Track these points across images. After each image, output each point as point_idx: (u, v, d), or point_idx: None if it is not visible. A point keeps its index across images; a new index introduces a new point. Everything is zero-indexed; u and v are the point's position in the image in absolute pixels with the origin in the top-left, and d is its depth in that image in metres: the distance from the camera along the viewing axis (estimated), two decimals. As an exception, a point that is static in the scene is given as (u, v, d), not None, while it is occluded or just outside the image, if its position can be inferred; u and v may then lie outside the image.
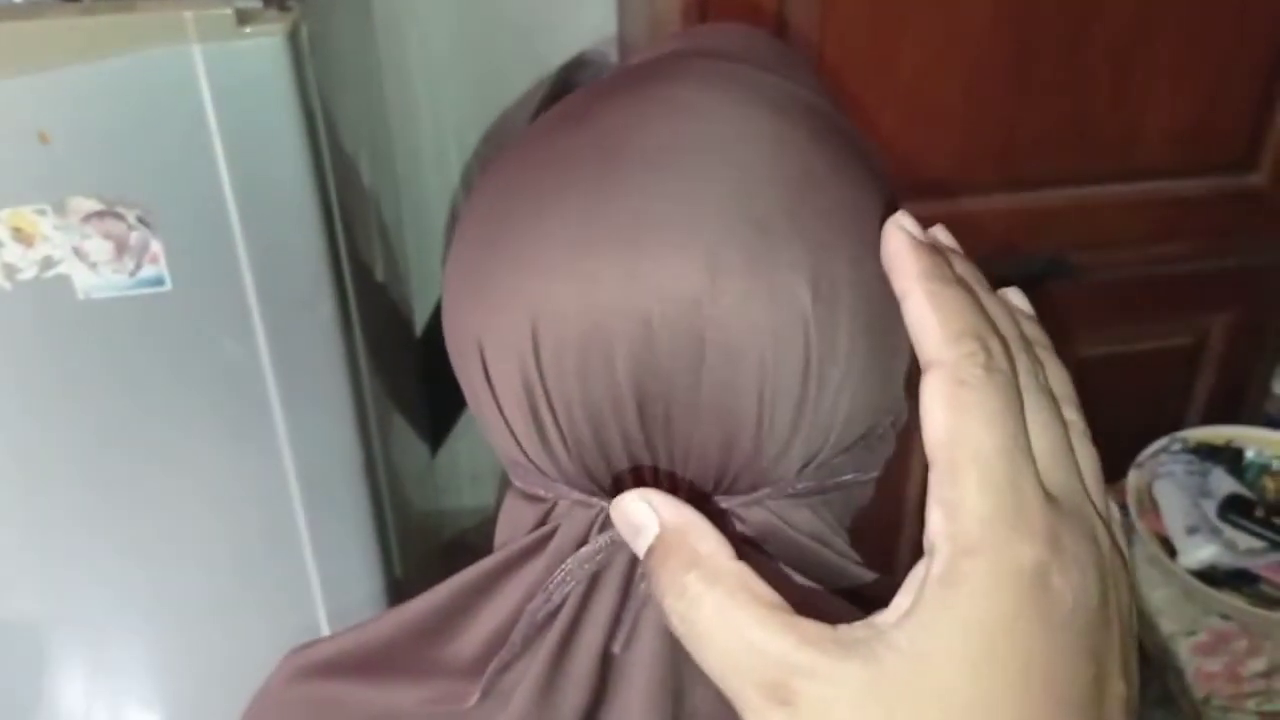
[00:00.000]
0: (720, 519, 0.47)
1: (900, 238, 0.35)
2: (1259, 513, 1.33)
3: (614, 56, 1.56)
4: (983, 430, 0.30)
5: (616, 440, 0.45)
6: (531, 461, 0.49)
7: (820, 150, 0.46)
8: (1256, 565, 1.31)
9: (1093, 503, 0.33)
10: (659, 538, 0.34)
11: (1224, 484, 1.37)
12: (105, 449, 1.16)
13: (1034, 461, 0.31)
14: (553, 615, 0.49)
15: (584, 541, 0.49)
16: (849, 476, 0.50)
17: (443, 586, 0.54)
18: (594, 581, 0.49)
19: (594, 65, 1.56)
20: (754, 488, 0.47)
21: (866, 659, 0.29)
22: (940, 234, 0.39)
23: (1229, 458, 1.43)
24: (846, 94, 1.28)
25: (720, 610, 0.31)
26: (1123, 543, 0.33)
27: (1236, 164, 1.44)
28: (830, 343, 0.44)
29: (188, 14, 0.96)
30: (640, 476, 0.47)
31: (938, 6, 1.25)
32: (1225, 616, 1.29)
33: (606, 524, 0.49)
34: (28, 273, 1.04)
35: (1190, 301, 1.56)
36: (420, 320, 1.72)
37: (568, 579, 0.49)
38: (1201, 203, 1.45)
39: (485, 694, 0.51)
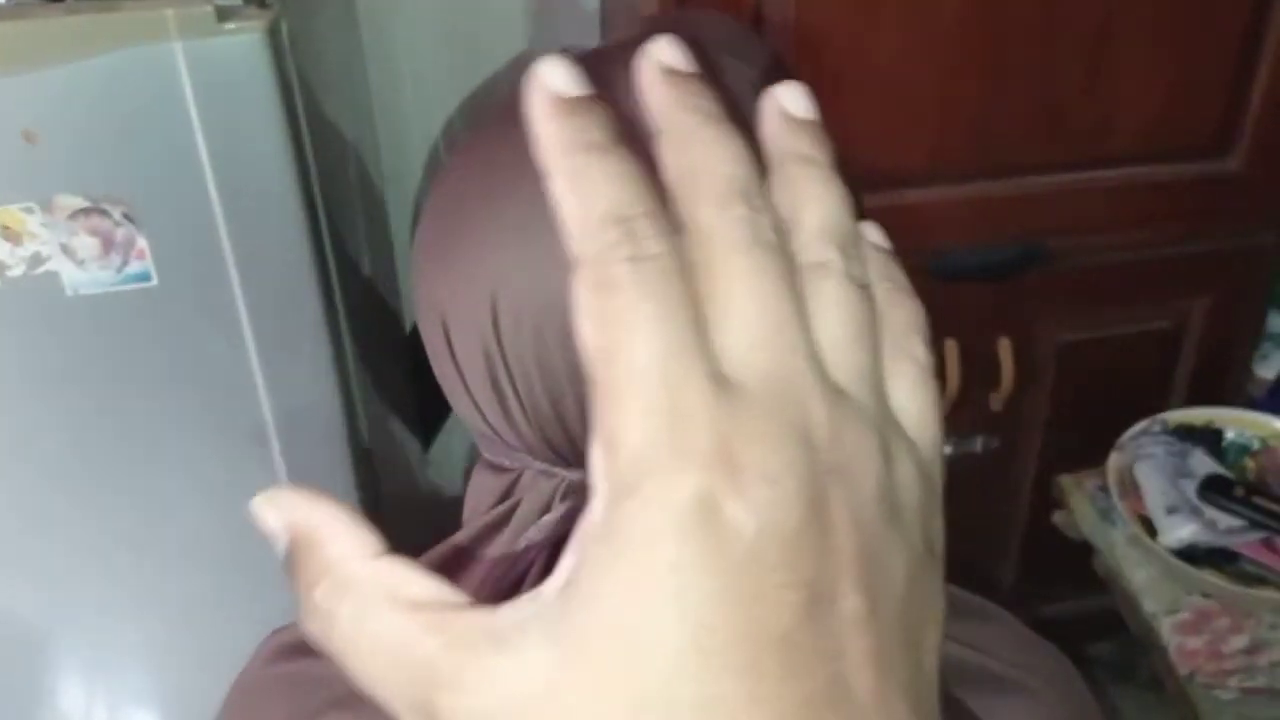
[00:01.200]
0: None
1: (539, 101, 0.26)
2: (1238, 492, 1.35)
3: (595, 39, 1.57)
4: (635, 341, 0.24)
5: (574, 410, 0.47)
6: (495, 432, 0.50)
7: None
8: (1236, 543, 1.32)
9: (894, 421, 0.27)
10: (289, 546, 0.27)
11: (1204, 464, 1.39)
12: (95, 444, 1.18)
13: (710, 355, 0.24)
14: (517, 584, 0.51)
15: (547, 510, 0.50)
16: None
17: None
18: (557, 549, 0.51)
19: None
20: None
21: (520, 652, 0.24)
22: (664, 53, 0.28)
23: (1209, 439, 1.45)
24: (822, 84, 1.29)
25: (355, 624, 0.26)
26: (924, 456, 0.28)
27: (1210, 149, 1.46)
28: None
29: (169, 11, 0.97)
30: (578, 451, 0.49)
31: (912, -3, 1.27)
32: (1206, 595, 1.31)
33: (569, 493, 0.50)
34: (16, 270, 1.05)
35: (1169, 286, 1.58)
36: (409, 314, 1.74)
37: (531, 547, 0.50)
38: (1177, 187, 1.47)
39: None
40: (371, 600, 0.25)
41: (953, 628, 0.57)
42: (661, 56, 0.27)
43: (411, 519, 1.66)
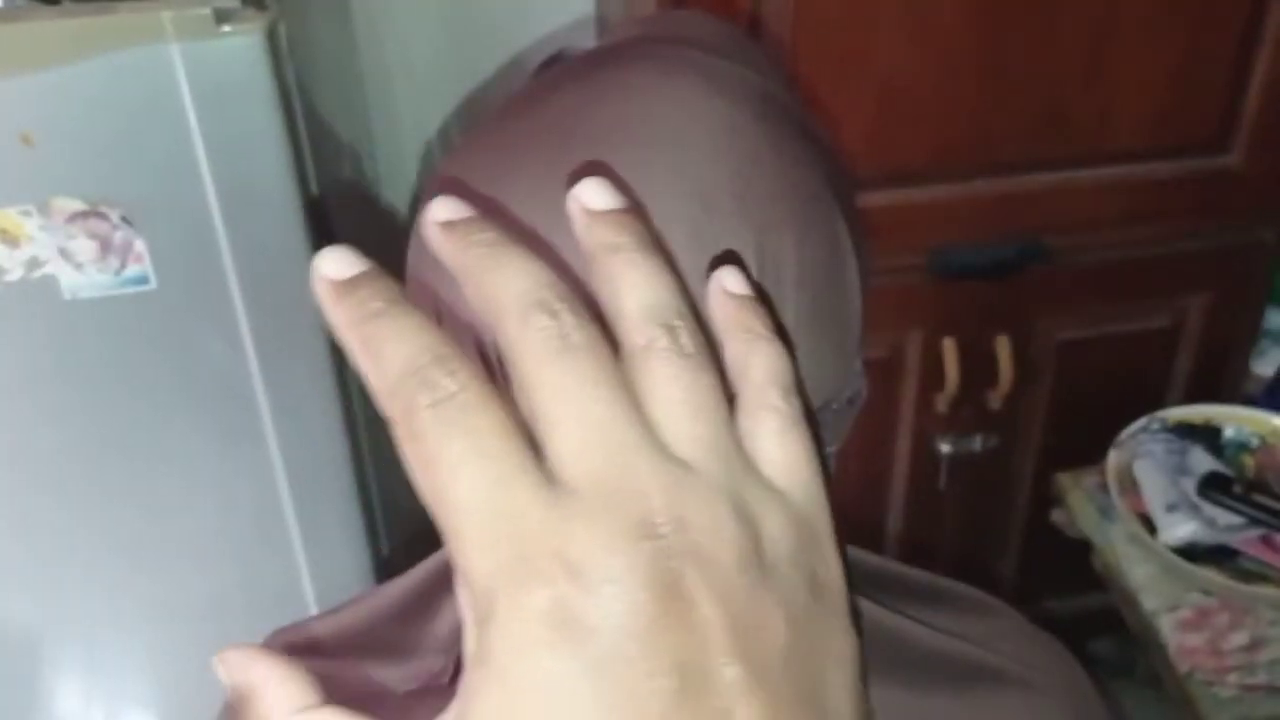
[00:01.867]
0: None
1: (321, 292, 0.27)
2: (1237, 489, 1.35)
3: (592, 41, 1.58)
4: (450, 481, 0.25)
5: None
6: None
7: (769, 134, 0.48)
8: (1235, 541, 1.32)
9: (739, 482, 0.27)
10: (228, 703, 0.30)
11: (1203, 462, 1.39)
12: (93, 448, 1.18)
13: (535, 466, 0.25)
14: None
15: None
16: None
17: (416, 570, 0.56)
18: None
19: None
20: None
21: None
22: (438, 212, 0.30)
23: (1207, 436, 1.45)
24: (822, 86, 1.29)
25: None
26: (797, 502, 0.28)
27: (1209, 145, 1.46)
28: (775, 319, 0.45)
29: (166, 14, 0.97)
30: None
31: (911, -4, 1.27)
32: (1206, 592, 1.31)
33: None
34: (14, 274, 1.05)
35: (1167, 283, 1.58)
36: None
37: None
38: (1176, 185, 1.47)
39: (459, 670, 0.53)
40: None
41: (951, 621, 0.57)
42: (436, 215, 0.29)
43: (409, 521, 1.66)
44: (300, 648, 0.60)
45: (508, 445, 0.25)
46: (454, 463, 0.25)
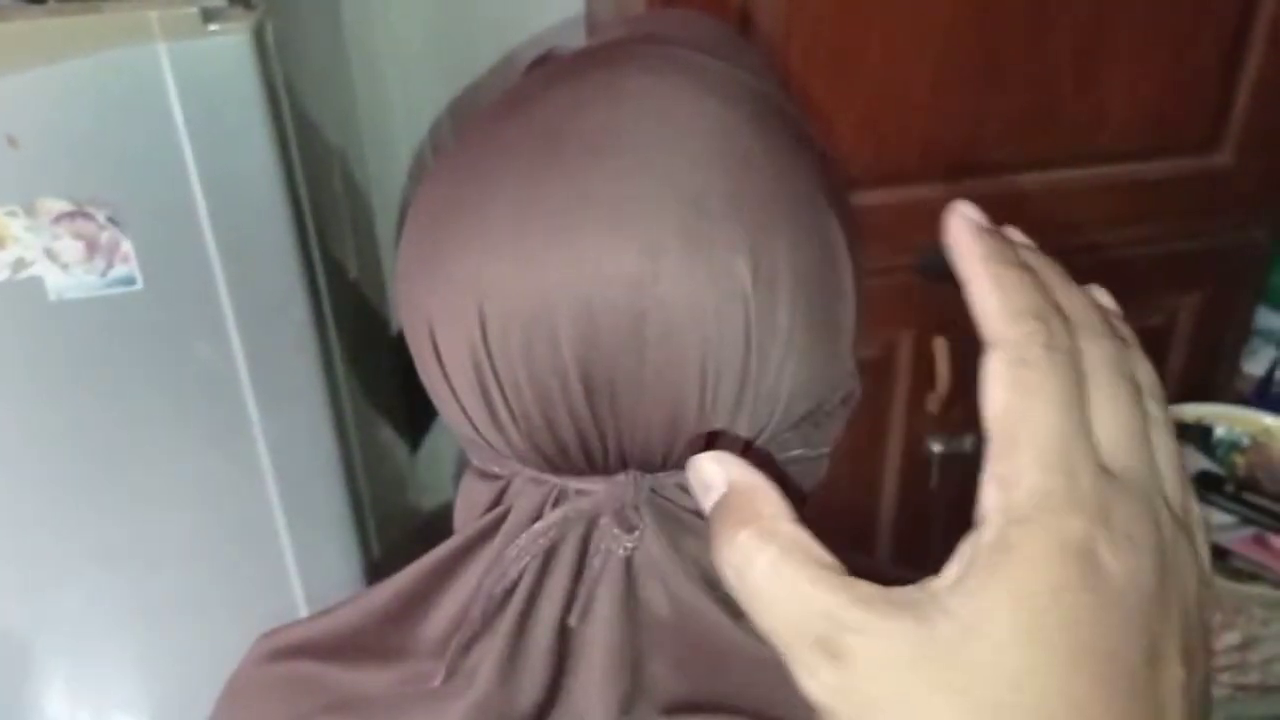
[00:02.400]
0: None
1: (961, 223, 0.34)
2: (1229, 488, 1.35)
3: (582, 39, 1.57)
4: (1040, 408, 0.30)
5: (564, 418, 0.47)
6: (484, 439, 0.50)
7: (761, 135, 0.47)
8: (1227, 540, 1.33)
9: (1166, 492, 0.32)
10: (725, 495, 0.34)
11: (1194, 461, 1.39)
12: (81, 448, 1.17)
13: (1091, 440, 0.30)
14: (510, 592, 0.50)
15: (538, 518, 0.50)
16: (797, 452, 0.51)
17: (406, 572, 0.55)
18: (549, 557, 0.50)
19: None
20: None
21: (919, 619, 0.29)
22: (1013, 232, 0.38)
23: (1198, 435, 1.45)
24: (814, 85, 1.29)
25: (774, 566, 0.31)
26: (1200, 538, 0.33)
27: (1200, 145, 1.45)
28: (770, 320, 0.45)
29: (152, 13, 0.97)
30: (589, 453, 0.48)
31: (902, -5, 1.27)
32: (1197, 592, 1.31)
33: (559, 500, 0.50)
34: (0, 275, 1.04)
35: (1158, 283, 1.58)
36: (396, 317, 1.73)
37: (522, 555, 0.50)
38: (1167, 185, 1.47)
39: (450, 673, 0.53)
40: (790, 551, 0.32)
41: None
42: (975, 216, 0.35)
43: (400, 523, 1.65)
44: (291, 649, 0.60)
45: (1082, 405, 0.31)
46: (1051, 392, 0.30)
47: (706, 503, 0.36)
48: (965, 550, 0.31)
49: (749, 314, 0.44)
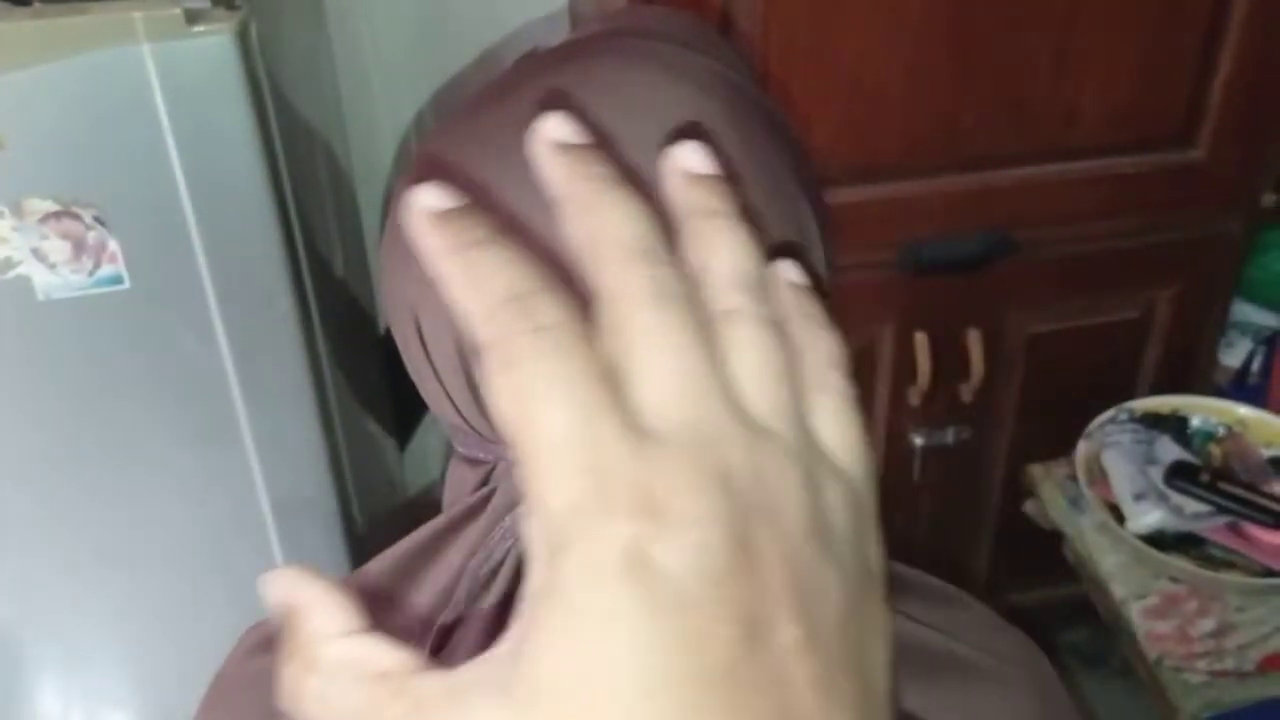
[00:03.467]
0: None
1: (417, 220, 0.28)
2: (1204, 478, 1.37)
3: (564, 36, 1.59)
4: (542, 411, 0.25)
5: None
6: (470, 425, 0.51)
7: (736, 123, 0.49)
8: (1203, 528, 1.34)
9: (812, 448, 0.28)
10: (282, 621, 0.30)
11: (1170, 451, 1.41)
12: (70, 447, 1.18)
13: (623, 413, 0.25)
14: (494, 572, 0.52)
15: (524, 499, 0.51)
16: None
17: (390, 552, 0.56)
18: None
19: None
20: None
21: (475, 711, 0.25)
22: (555, 129, 0.30)
23: (1174, 426, 1.47)
24: (792, 83, 1.30)
25: (320, 699, 0.27)
26: (853, 482, 0.29)
27: (1175, 139, 1.47)
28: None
29: (137, 14, 0.97)
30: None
31: (878, -7, 1.28)
32: (1174, 580, 1.33)
33: None
34: (-14, 274, 1.05)
35: (1136, 276, 1.60)
36: (383, 314, 1.74)
37: (507, 536, 0.51)
38: (1142, 178, 1.49)
39: (434, 653, 0.54)
40: (336, 676, 0.27)
41: (920, 611, 0.58)
42: (553, 133, 0.29)
43: (389, 519, 1.66)
44: (267, 643, 0.61)
45: (599, 381, 0.25)
46: (546, 390, 0.25)
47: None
48: (523, 602, 0.26)
49: None
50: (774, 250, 0.45)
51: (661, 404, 0.26)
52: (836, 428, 0.29)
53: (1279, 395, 1.63)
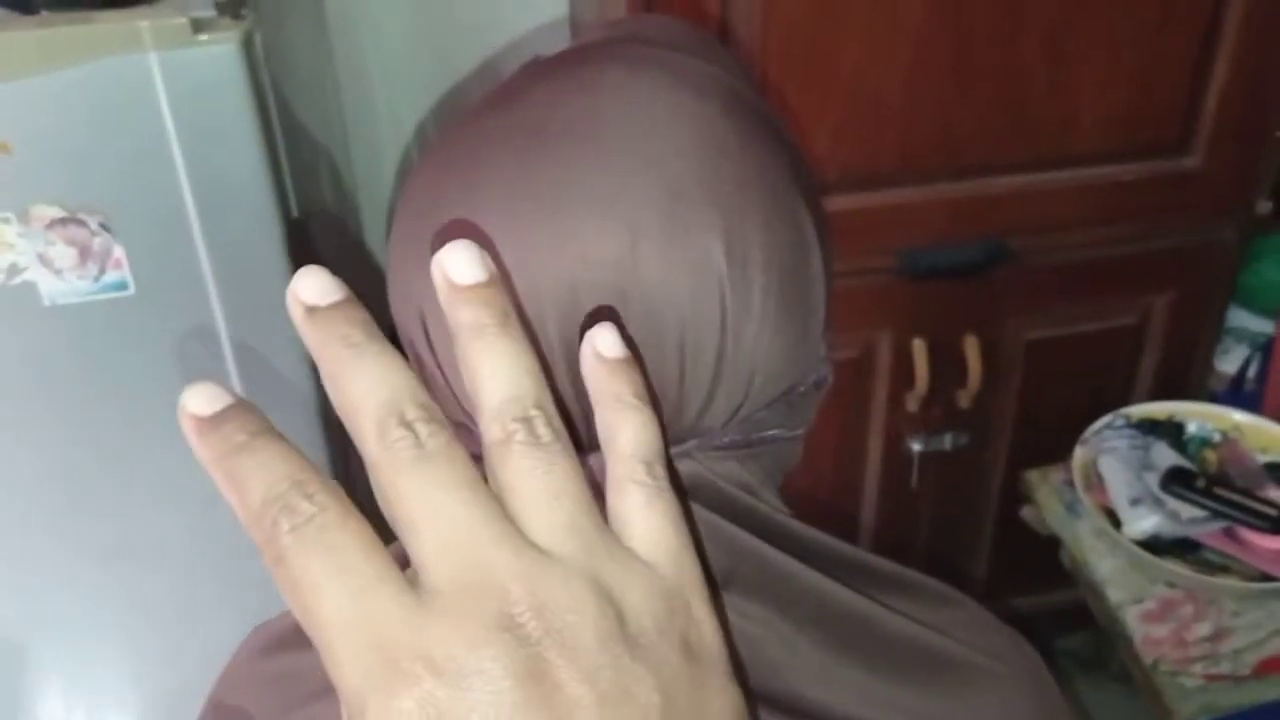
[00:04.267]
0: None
1: (188, 431, 0.29)
2: (1200, 483, 1.38)
3: (565, 44, 1.60)
4: (314, 601, 0.26)
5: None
6: (473, 421, 0.52)
7: (733, 126, 0.50)
8: (1198, 533, 1.35)
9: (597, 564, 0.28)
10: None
11: (1166, 457, 1.42)
12: (75, 451, 1.19)
13: (393, 586, 0.26)
14: None
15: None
16: (773, 432, 0.53)
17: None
18: None
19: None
20: (681, 440, 0.50)
21: None
22: (304, 291, 0.30)
23: (1170, 432, 1.48)
24: (790, 90, 1.32)
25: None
26: (662, 573, 0.29)
27: (1170, 147, 1.49)
28: (744, 299, 0.47)
29: (144, 23, 0.99)
30: (573, 430, 0.50)
31: (875, 3, 1.29)
32: (1171, 584, 1.34)
33: None
34: (-7, 280, 1.06)
35: (1132, 282, 1.61)
36: (385, 320, 1.75)
37: None
38: (1138, 186, 1.50)
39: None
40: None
41: (918, 611, 0.59)
42: (302, 295, 0.29)
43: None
44: (278, 641, 0.61)
45: (367, 558, 0.27)
46: (316, 580, 0.26)
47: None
48: None
49: (724, 294, 0.47)
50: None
51: (435, 559, 0.27)
52: (643, 522, 0.30)
53: (1274, 401, 1.64)
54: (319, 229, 1.28)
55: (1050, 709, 0.62)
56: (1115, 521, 1.37)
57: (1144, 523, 1.35)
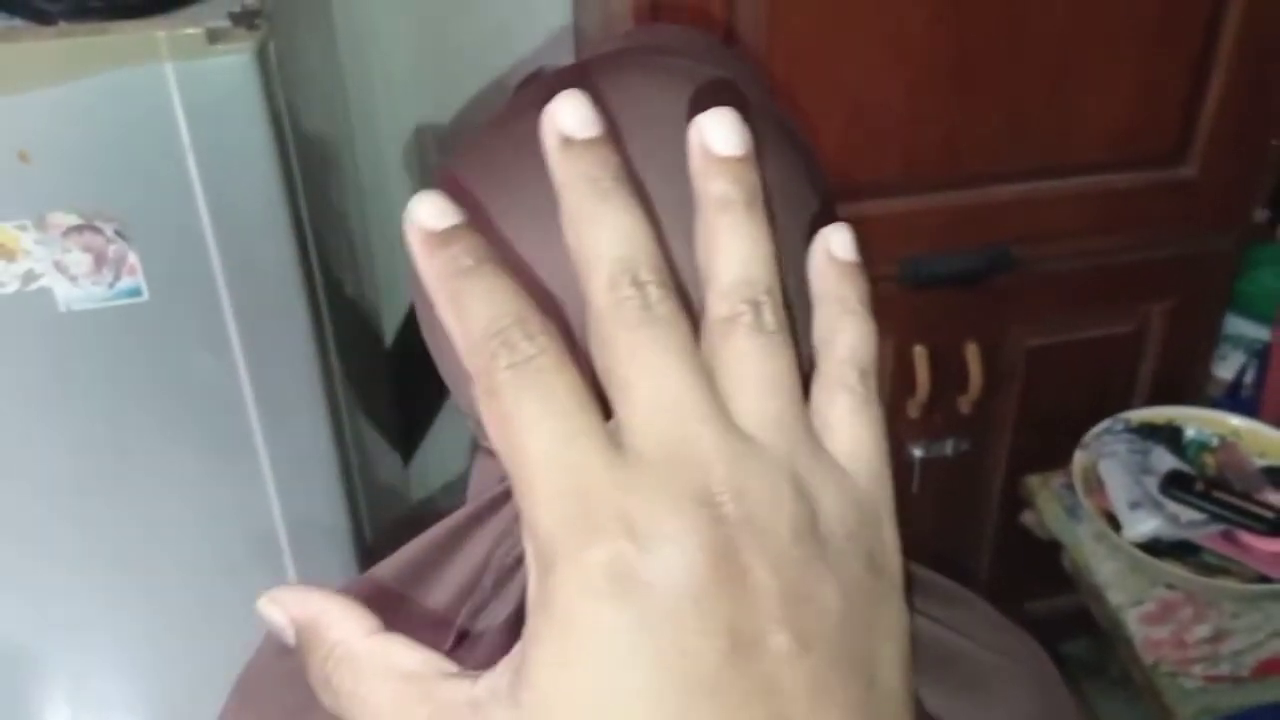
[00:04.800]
0: None
1: (414, 240, 0.29)
2: (1198, 487, 1.39)
3: (570, 55, 1.62)
4: (523, 438, 0.26)
5: None
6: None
7: (756, 130, 0.52)
8: (1197, 536, 1.37)
9: (804, 459, 0.28)
10: (297, 634, 0.31)
11: (1165, 461, 1.44)
12: (87, 456, 1.20)
13: (599, 436, 0.27)
14: (519, 560, 0.54)
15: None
16: None
17: (414, 543, 0.58)
18: None
19: (552, 78, 1.62)
20: None
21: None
22: (564, 119, 0.31)
23: (1169, 436, 1.50)
24: (795, 100, 1.33)
25: (354, 695, 0.29)
26: (859, 482, 0.29)
27: (1168, 158, 1.51)
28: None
29: (160, 34, 1.00)
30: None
31: (879, 14, 1.31)
32: (1170, 586, 1.35)
33: None
34: (10, 286, 1.07)
35: (1130, 290, 1.63)
36: (389, 332, 1.77)
37: None
38: (1136, 195, 1.52)
39: (460, 638, 0.56)
40: (368, 672, 0.29)
41: (926, 607, 0.60)
42: (562, 123, 0.30)
43: (392, 532, 1.68)
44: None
45: (579, 406, 0.27)
46: (527, 420, 0.26)
47: (291, 643, 0.33)
48: (527, 620, 0.28)
49: None
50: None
51: (643, 423, 0.27)
52: (847, 429, 0.30)
53: (1271, 406, 1.65)
54: (327, 236, 1.30)
55: (1058, 706, 0.63)
56: (1115, 525, 1.39)
57: (1144, 526, 1.37)
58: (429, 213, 0.29)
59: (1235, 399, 1.77)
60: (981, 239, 1.50)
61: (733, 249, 0.30)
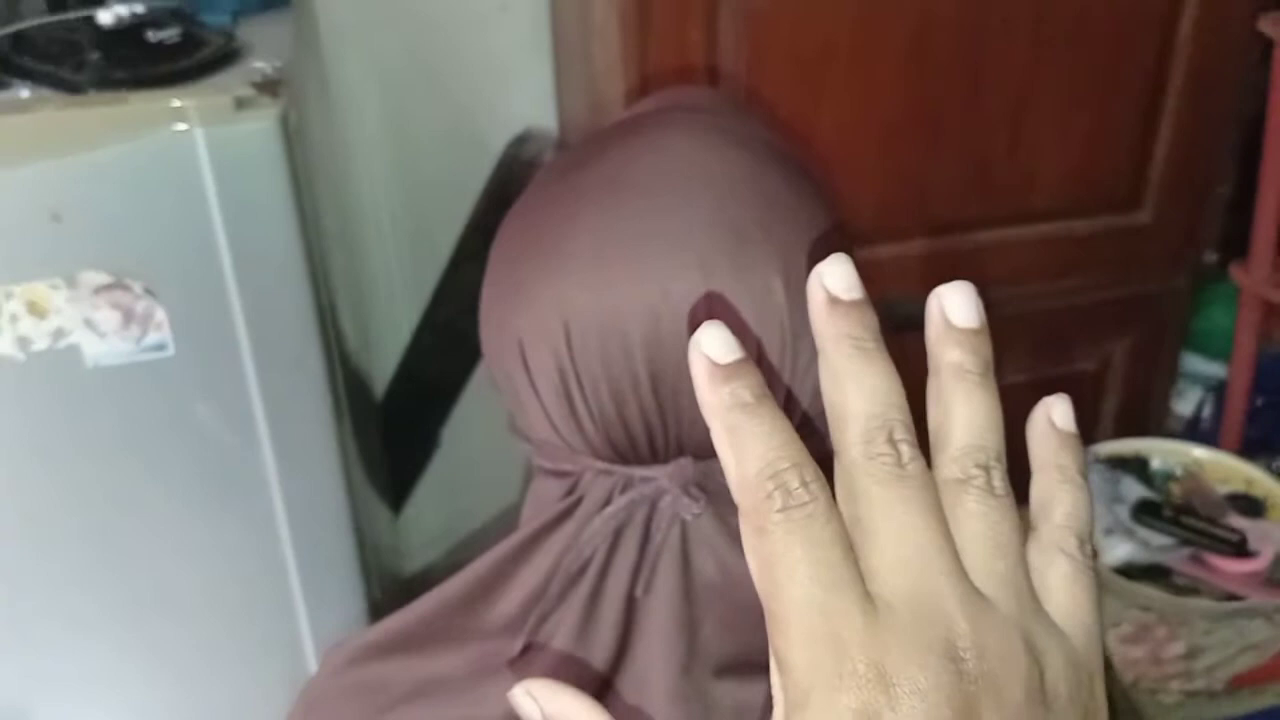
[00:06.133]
0: None
1: (700, 368, 0.31)
2: (1167, 513, 1.47)
3: (554, 133, 1.70)
4: (787, 581, 0.28)
5: (635, 412, 0.57)
6: (563, 438, 0.60)
7: (779, 174, 0.59)
8: (1168, 559, 1.44)
9: (1034, 626, 0.30)
10: None
11: (1134, 490, 1.51)
12: (113, 509, 1.23)
13: (858, 587, 0.28)
14: (583, 569, 0.60)
15: (608, 503, 0.60)
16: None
17: (480, 561, 0.64)
18: (617, 537, 0.60)
19: (537, 140, 1.69)
20: None
21: None
22: (831, 280, 0.33)
23: (1137, 467, 1.58)
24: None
25: None
26: (1075, 645, 0.31)
27: (1122, 204, 1.60)
28: (801, 322, 0.56)
29: (189, 102, 1.06)
30: (653, 443, 0.58)
31: (852, 73, 1.40)
32: (1145, 608, 1.42)
33: (627, 487, 0.60)
34: (40, 344, 1.12)
35: (1093, 330, 1.71)
36: (379, 387, 1.81)
37: (595, 536, 0.59)
38: (1094, 240, 1.61)
39: (529, 644, 0.61)
40: None
41: None
42: (830, 284, 0.32)
43: (386, 583, 1.71)
44: (360, 654, 0.67)
45: (842, 558, 0.29)
46: (793, 563, 0.28)
47: None
48: None
49: (783, 317, 0.55)
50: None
51: (891, 575, 0.29)
52: (1066, 592, 0.31)
53: (1230, 438, 1.74)
54: (334, 294, 1.35)
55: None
56: (1090, 551, 1.46)
57: (1118, 551, 1.44)
58: (716, 347, 0.31)
59: (1194, 434, 1.85)
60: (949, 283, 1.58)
61: (967, 416, 0.32)
